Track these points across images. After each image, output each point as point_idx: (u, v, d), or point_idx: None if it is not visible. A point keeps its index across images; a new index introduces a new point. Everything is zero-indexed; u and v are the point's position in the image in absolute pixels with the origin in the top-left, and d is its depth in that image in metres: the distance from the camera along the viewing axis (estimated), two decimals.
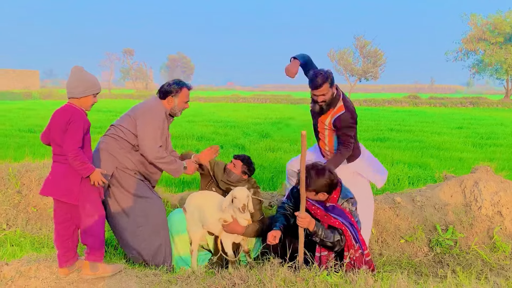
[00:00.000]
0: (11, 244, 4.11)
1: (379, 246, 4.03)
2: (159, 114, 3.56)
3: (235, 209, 3.48)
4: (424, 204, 4.20)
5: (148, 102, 3.70)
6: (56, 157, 3.05)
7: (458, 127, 16.71)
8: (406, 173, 7.95)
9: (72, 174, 2.98)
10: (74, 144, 2.91)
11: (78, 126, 2.95)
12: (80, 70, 3.08)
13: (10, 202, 4.78)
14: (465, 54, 39.09)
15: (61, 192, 2.99)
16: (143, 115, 3.53)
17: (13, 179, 4.95)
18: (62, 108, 3.03)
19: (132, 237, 3.50)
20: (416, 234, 4.01)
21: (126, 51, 73.62)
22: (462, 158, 9.88)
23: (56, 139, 3.00)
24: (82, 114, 3.03)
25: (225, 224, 3.52)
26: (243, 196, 3.43)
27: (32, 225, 4.64)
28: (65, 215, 3.07)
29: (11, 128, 13.64)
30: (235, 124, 16.46)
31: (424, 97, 38.55)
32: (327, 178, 3.17)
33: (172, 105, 3.66)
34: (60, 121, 2.97)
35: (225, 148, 10.53)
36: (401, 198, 4.26)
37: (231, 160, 3.96)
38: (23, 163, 5.39)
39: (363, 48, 40.99)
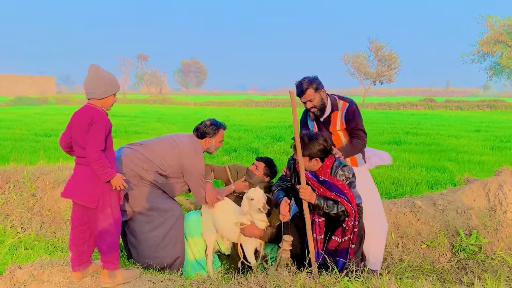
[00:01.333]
0: (25, 248, 4.09)
1: (399, 251, 3.89)
2: (201, 156, 3.71)
3: (252, 212, 3.39)
4: (446, 208, 4.05)
5: (192, 143, 3.76)
6: (79, 159, 2.97)
7: (476, 130, 16.38)
8: (424, 176, 7.77)
9: (95, 177, 2.90)
10: (96, 147, 2.83)
11: (100, 128, 2.87)
12: (98, 69, 2.98)
13: (25, 205, 4.77)
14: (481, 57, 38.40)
15: (82, 195, 2.91)
16: (190, 156, 3.63)
17: (28, 182, 4.94)
18: (83, 110, 2.95)
19: (146, 248, 3.48)
20: (438, 239, 3.87)
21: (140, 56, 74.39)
22: (481, 162, 9.65)
23: (78, 141, 2.91)
24: (104, 115, 2.95)
25: (242, 228, 3.43)
26: (260, 195, 3.36)
27: (47, 229, 4.61)
28: (83, 218, 3.00)
29: (27, 133, 13.79)
30: (248, 128, 16.40)
31: (440, 100, 38.02)
32: (321, 143, 3.14)
33: (209, 145, 3.82)
34: (82, 123, 2.88)
35: (239, 152, 10.46)
36: (422, 202, 4.12)
37: (253, 163, 3.95)
38: (37, 166, 5.39)
39: (378, 51, 40.67)
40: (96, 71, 2.97)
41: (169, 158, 3.61)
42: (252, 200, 3.36)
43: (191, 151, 3.66)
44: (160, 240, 3.50)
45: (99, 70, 2.98)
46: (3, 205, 4.75)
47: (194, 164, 3.62)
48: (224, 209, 3.61)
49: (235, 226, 3.46)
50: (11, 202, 4.80)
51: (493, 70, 39.07)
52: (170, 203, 3.63)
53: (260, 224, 3.44)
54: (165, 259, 3.51)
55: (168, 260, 3.52)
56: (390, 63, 40.92)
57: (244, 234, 3.45)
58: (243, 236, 3.46)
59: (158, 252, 3.50)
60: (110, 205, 2.97)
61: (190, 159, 3.62)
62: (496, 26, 36.28)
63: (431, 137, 13.83)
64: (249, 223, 3.43)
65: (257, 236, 3.45)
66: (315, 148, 3.12)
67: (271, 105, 37.53)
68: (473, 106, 33.76)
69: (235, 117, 22.54)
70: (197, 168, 3.63)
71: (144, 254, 3.52)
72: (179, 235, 3.60)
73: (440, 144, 12.26)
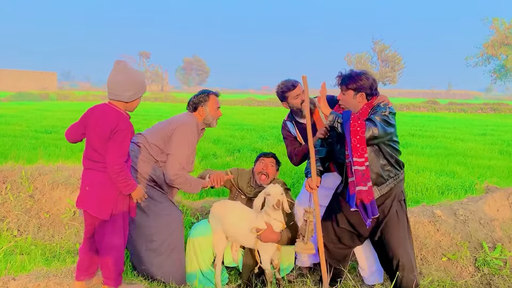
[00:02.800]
0: (21, 253, 3.87)
1: (418, 264, 3.66)
2: (193, 130, 3.40)
3: (268, 213, 3.16)
4: (468, 219, 3.83)
5: (182, 117, 3.51)
6: (90, 164, 2.65)
7: (481, 134, 16.16)
8: (434, 181, 7.55)
9: (109, 185, 2.62)
10: (119, 157, 2.54)
11: (126, 136, 2.57)
12: (127, 67, 2.65)
13: (22, 207, 4.55)
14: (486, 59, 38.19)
15: (94, 205, 2.64)
16: (178, 130, 3.35)
17: (25, 183, 4.72)
18: (105, 112, 2.62)
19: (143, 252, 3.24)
20: (460, 252, 3.64)
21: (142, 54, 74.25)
22: (490, 166, 9.44)
23: (96, 145, 2.60)
24: (129, 121, 2.65)
25: (259, 234, 3.18)
26: (277, 192, 3.11)
27: (44, 232, 4.39)
28: (93, 230, 2.77)
29: (27, 129, 13.56)
30: (251, 127, 16.19)
31: (443, 103, 37.78)
32: (370, 77, 2.92)
33: (204, 115, 3.52)
34: (104, 128, 2.56)
35: (243, 152, 10.24)
36: (441, 211, 3.90)
37: (262, 161, 3.64)
38: (36, 165, 5.16)
39: (382, 52, 40.45)
40: (125, 71, 2.63)
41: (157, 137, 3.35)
42: (268, 195, 3.12)
43: (179, 123, 3.38)
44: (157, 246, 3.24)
45: (128, 70, 2.65)
46: None
47: (183, 134, 3.31)
48: (236, 213, 3.34)
49: (251, 232, 3.21)
50: (7, 203, 4.58)
51: (498, 73, 38.83)
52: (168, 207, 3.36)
53: (277, 226, 3.19)
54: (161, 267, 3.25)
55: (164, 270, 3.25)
56: (393, 64, 40.69)
57: (261, 239, 3.19)
58: (261, 242, 3.21)
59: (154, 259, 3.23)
60: (123, 217, 2.72)
61: (179, 129, 3.32)
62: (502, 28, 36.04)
63: (437, 140, 13.61)
64: (265, 227, 3.18)
65: (274, 240, 3.21)
66: (362, 81, 2.88)
67: (273, 105, 37.29)
68: (477, 109, 33.51)
69: (237, 116, 22.31)
70: (186, 139, 3.31)
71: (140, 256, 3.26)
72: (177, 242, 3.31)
73: (446, 147, 12.05)
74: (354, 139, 2.76)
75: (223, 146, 11.06)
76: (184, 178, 3.31)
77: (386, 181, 2.94)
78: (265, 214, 3.20)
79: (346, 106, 2.98)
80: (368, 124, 2.74)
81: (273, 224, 3.18)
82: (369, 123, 2.75)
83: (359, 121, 2.76)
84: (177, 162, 3.28)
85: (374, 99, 2.95)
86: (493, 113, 32.63)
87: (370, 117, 2.81)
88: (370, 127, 2.73)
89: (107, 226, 2.67)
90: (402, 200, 3.06)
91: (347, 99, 2.97)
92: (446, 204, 4.19)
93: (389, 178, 2.94)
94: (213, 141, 11.84)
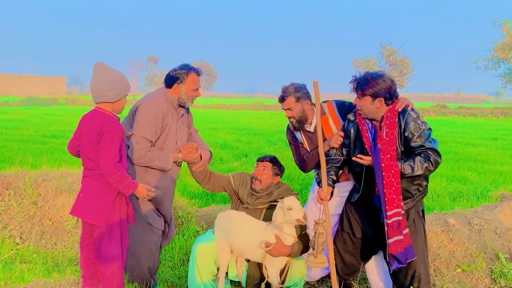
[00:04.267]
0: (22, 261, 3.79)
1: (431, 276, 3.52)
2: (159, 105, 3.11)
3: (281, 226, 2.98)
4: (483, 228, 3.67)
5: (149, 94, 3.27)
6: (86, 172, 2.63)
7: (493, 138, 15.90)
8: (445, 187, 7.39)
9: (104, 192, 2.56)
10: (110, 159, 2.48)
11: (113, 137, 2.52)
12: (106, 68, 2.61)
13: (25, 214, 4.47)
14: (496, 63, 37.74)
15: (89, 213, 2.57)
16: (140, 107, 3.09)
17: (29, 189, 4.65)
18: (91, 116, 2.59)
19: None
20: (475, 263, 3.49)
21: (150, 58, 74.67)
22: (503, 172, 9.25)
23: (87, 151, 2.56)
24: (116, 121, 2.60)
25: (268, 249, 2.99)
26: (299, 205, 2.94)
27: (47, 240, 4.31)
28: (91, 238, 2.67)
29: (35, 134, 13.60)
30: (258, 132, 16.09)
31: (452, 107, 37.39)
32: (387, 79, 2.70)
33: (179, 94, 3.18)
34: (90, 132, 2.53)
35: (250, 157, 10.15)
36: (455, 220, 3.75)
37: (257, 166, 3.40)
38: (40, 171, 5.10)
39: (390, 56, 40.21)
40: (105, 71, 2.60)
41: (128, 123, 3.14)
42: (290, 209, 2.92)
43: (144, 98, 3.14)
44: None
45: (108, 70, 2.61)
46: (2, 213, 4.45)
47: (145, 109, 3.04)
48: (243, 225, 3.15)
49: (260, 247, 3.02)
50: (10, 210, 4.51)
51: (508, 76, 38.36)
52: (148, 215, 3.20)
53: (288, 240, 3.03)
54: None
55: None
56: (402, 68, 40.42)
57: (271, 254, 3.02)
58: (269, 256, 3.04)
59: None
60: (120, 226, 2.63)
61: (141, 106, 3.07)
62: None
63: (447, 145, 13.40)
64: (275, 241, 3.01)
65: (285, 254, 3.04)
66: (379, 85, 2.67)
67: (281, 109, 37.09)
68: (487, 113, 33.11)
69: (244, 121, 22.23)
70: (147, 113, 3.02)
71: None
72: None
73: (457, 152, 11.84)
74: (389, 191, 2.66)
75: (230, 151, 10.98)
76: (150, 152, 3.04)
77: (413, 196, 2.80)
78: (276, 228, 3.04)
79: (365, 112, 2.80)
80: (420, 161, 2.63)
81: (284, 238, 3.02)
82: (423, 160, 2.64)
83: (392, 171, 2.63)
84: (140, 137, 3.03)
85: (396, 103, 2.77)
86: (503, 117, 32.21)
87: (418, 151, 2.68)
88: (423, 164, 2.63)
89: (103, 235, 2.59)
90: (420, 210, 2.93)
91: (365, 105, 2.76)
92: (460, 212, 4.04)
93: (417, 193, 2.80)
94: (220, 146, 11.76)
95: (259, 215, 3.34)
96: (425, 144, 2.66)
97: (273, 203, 3.27)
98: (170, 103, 3.21)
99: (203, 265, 3.21)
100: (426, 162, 2.62)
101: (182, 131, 3.34)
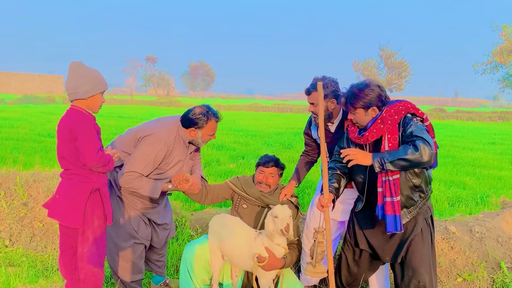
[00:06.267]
0: (10, 265, 3.67)
1: None
2: (165, 143, 3.01)
3: (271, 236, 2.88)
4: (484, 236, 3.58)
5: (164, 123, 3.15)
6: (62, 173, 2.59)
7: (491, 143, 15.85)
8: (444, 192, 7.31)
9: (77, 192, 2.50)
10: (92, 150, 2.44)
11: (88, 129, 2.46)
12: (81, 65, 2.56)
13: (15, 215, 4.36)
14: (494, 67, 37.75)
15: (64, 214, 2.50)
16: (149, 139, 3.00)
17: (20, 190, 4.54)
18: (65, 113, 2.54)
19: None
20: (476, 272, 3.40)
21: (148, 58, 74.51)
22: (502, 177, 9.18)
23: (61, 149, 2.51)
24: (90, 119, 2.53)
25: (262, 264, 2.85)
26: (286, 215, 2.83)
27: (37, 242, 4.20)
28: (68, 241, 2.59)
29: (30, 132, 13.45)
30: (256, 133, 15.98)
31: (450, 110, 37.39)
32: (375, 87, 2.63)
33: (194, 137, 3.12)
34: (62, 129, 2.48)
35: (247, 159, 10.04)
36: (456, 228, 3.66)
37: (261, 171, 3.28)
38: (32, 172, 4.99)
39: (388, 59, 40.19)
40: (79, 68, 2.55)
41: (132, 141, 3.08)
42: (276, 218, 2.84)
43: (156, 129, 3.04)
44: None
45: (81, 67, 2.56)
46: None
47: (150, 145, 2.96)
48: (234, 232, 3.04)
49: (252, 261, 2.89)
50: (0, 211, 4.40)
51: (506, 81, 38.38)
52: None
53: (279, 252, 2.92)
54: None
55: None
56: (400, 71, 40.41)
57: (264, 269, 2.89)
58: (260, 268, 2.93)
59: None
60: (92, 226, 2.55)
61: (150, 138, 2.98)
62: None
63: (446, 149, 13.33)
64: (267, 255, 2.87)
65: (277, 267, 2.94)
66: (368, 96, 2.61)
67: (279, 111, 37.08)
68: (485, 117, 33.15)
69: (242, 122, 22.11)
70: (150, 150, 2.95)
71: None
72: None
73: (455, 156, 11.78)
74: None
75: (227, 153, 10.86)
76: (138, 180, 2.98)
77: (416, 202, 2.70)
78: (266, 238, 2.93)
79: (361, 123, 2.71)
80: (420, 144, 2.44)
81: (274, 250, 2.91)
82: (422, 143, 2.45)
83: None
84: (132, 171, 2.97)
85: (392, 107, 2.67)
86: (501, 121, 32.25)
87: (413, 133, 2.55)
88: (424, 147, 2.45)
89: (77, 236, 2.55)
90: (428, 217, 2.83)
91: (360, 118, 2.69)
92: (460, 219, 3.95)
93: (419, 199, 2.71)
94: (217, 147, 11.64)
95: (261, 215, 3.26)
96: (414, 132, 2.54)
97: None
98: (181, 139, 3.13)
99: (195, 273, 3.11)
100: (410, 146, 2.46)
101: (187, 165, 3.28)
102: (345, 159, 2.58)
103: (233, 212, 3.36)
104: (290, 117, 29.25)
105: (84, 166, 2.50)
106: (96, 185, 2.54)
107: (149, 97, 59.10)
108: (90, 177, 2.52)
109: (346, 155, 2.59)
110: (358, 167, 2.77)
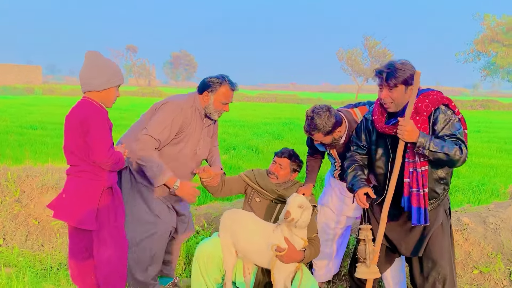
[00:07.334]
0: (6, 265, 3.47)
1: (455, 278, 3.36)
2: (181, 110, 2.93)
3: (289, 227, 2.75)
4: (499, 227, 3.53)
5: (180, 95, 3.15)
6: (69, 169, 2.41)
7: (476, 131, 16.04)
8: None
9: (88, 190, 2.33)
10: (103, 146, 2.29)
11: (101, 123, 2.32)
12: (97, 55, 2.41)
13: (8, 213, 4.14)
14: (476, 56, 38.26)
15: (74, 215, 2.33)
16: (165, 106, 2.97)
17: (11, 186, 4.31)
18: (76, 104, 2.37)
19: None
20: (493, 264, 3.35)
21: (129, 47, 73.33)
22: (492, 165, 9.29)
23: (69, 144, 2.34)
24: (102, 112, 2.37)
25: (280, 254, 2.72)
26: (294, 203, 2.68)
27: (33, 241, 3.99)
28: (80, 244, 2.41)
29: (12, 125, 13.02)
30: (244, 123, 15.83)
31: None
32: (410, 64, 2.54)
33: (207, 102, 3.02)
34: (72, 122, 2.31)
35: (238, 150, 9.91)
36: (469, 219, 3.61)
37: (273, 161, 3.18)
38: (23, 166, 4.75)
39: (372, 48, 40.35)
40: (95, 58, 2.40)
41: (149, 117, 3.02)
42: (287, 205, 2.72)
43: (172, 98, 3.06)
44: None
45: (98, 57, 2.41)
46: None
47: (166, 110, 2.92)
48: (249, 226, 2.90)
49: (270, 250, 2.74)
50: None
51: (487, 69, 38.97)
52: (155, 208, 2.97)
53: (298, 243, 2.78)
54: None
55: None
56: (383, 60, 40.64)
57: (283, 260, 2.74)
58: (279, 262, 2.78)
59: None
60: (108, 225, 2.38)
61: (165, 105, 2.96)
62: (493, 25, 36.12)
63: None
64: (286, 246, 2.73)
65: (297, 260, 2.79)
66: (410, 71, 2.48)
67: (263, 101, 36.93)
68: (466, 105, 33.61)
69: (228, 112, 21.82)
70: (167, 114, 2.89)
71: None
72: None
73: None
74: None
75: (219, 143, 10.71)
76: (155, 152, 2.83)
77: (439, 195, 2.62)
78: (286, 228, 2.79)
79: (397, 103, 2.55)
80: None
81: (294, 241, 2.78)
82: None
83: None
84: (149, 136, 2.82)
85: (425, 96, 2.54)
86: (482, 109, 32.77)
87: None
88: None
89: (92, 238, 2.39)
90: (447, 208, 2.77)
91: (398, 96, 2.52)
92: (470, 209, 3.90)
93: (442, 192, 2.63)
94: None
95: (274, 210, 3.13)
96: (455, 133, 2.47)
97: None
98: (197, 110, 3.06)
99: (208, 271, 2.97)
100: (457, 146, 2.42)
101: (205, 142, 3.19)
102: (399, 129, 2.44)
103: (245, 205, 3.23)
104: (275, 107, 29.16)
105: (94, 163, 2.33)
106: (108, 183, 2.37)
107: (131, 87, 58.02)
108: (101, 174, 2.35)
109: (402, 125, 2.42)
110: (380, 158, 2.69)
